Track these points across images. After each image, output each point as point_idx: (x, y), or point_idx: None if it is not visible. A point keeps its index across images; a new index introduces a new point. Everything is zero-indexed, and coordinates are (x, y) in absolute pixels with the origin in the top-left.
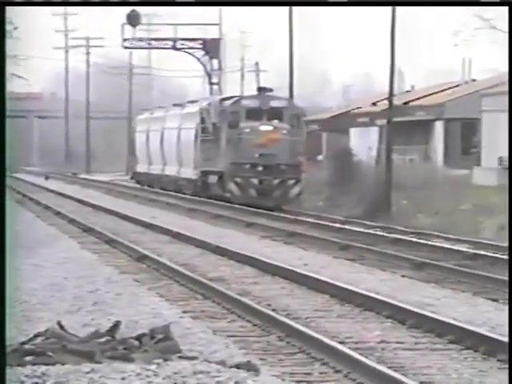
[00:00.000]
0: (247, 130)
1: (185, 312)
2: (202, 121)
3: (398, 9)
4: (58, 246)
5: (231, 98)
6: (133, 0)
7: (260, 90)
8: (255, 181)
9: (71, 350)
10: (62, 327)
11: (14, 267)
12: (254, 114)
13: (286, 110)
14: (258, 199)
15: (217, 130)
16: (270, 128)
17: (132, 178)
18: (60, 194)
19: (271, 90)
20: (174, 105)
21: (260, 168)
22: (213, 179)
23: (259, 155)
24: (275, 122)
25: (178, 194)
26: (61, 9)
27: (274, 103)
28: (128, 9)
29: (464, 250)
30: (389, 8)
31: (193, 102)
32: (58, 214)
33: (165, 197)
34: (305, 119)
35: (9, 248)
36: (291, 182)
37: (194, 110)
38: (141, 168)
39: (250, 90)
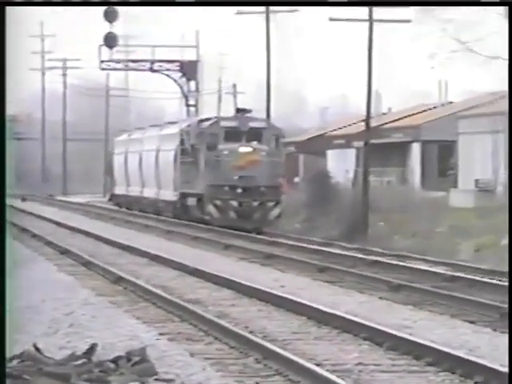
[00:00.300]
0: (226, 152)
1: (162, 334)
2: (182, 142)
3: (375, 30)
4: (34, 268)
5: (210, 119)
6: (132, 0)
7: (238, 111)
8: (234, 203)
9: (47, 373)
10: (38, 350)
11: None
12: (232, 136)
13: (265, 131)
14: (237, 221)
15: (196, 152)
16: (249, 149)
17: (110, 200)
18: (37, 215)
19: (250, 111)
20: (153, 126)
21: (239, 190)
22: (192, 201)
23: (238, 177)
24: (254, 143)
25: (156, 216)
26: (37, 30)
27: (252, 124)
28: (106, 30)
29: (441, 272)
30: (366, 29)
31: (172, 123)
32: (34, 236)
33: (142, 219)
34: (284, 140)
35: None
36: (271, 203)
37: (174, 131)
38: (119, 190)
39: (228, 111)
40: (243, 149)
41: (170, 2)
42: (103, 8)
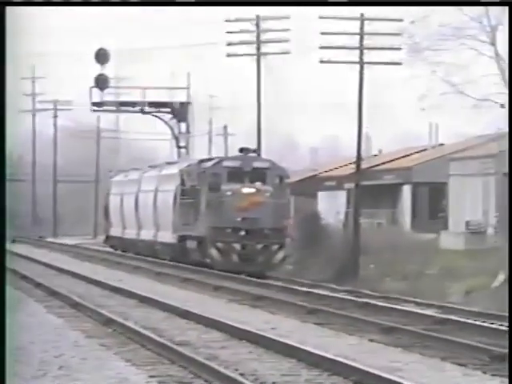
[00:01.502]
0: (229, 193)
1: (152, 376)
2: (182, 183)
3: (366, 73)
4: (23, 310)
5: (211, 159)
6: (133, 0)
7: (242, 150)
8: (237, 246)
9: None
10: None
11: None
12: (235, 176)
13: (269, 172)
14: (240, 265)
15: (197, 193)
16: (253, 190)
17: (105, 243)
18: (26, 257)
19: (254, 150)
20: (151, 166)
21: (242, 232)
22: (192, 244)
23: (241, 219)
24: (258, 184)
25: (145, 258)
26: (28, 73)
27: (256, 164)
28: (96, 72)
29: (432, 314)
30: (357, 71)
31: (171, 163)
32: (23, 277)
33: (132, 260)
34: (288, 181)
35: None
36: (275, 246)
37: (173, 171)
38: (115, 232)
39: (219, 153)
40: (246, 190)
41: (170, 2)
42: (95, 51)
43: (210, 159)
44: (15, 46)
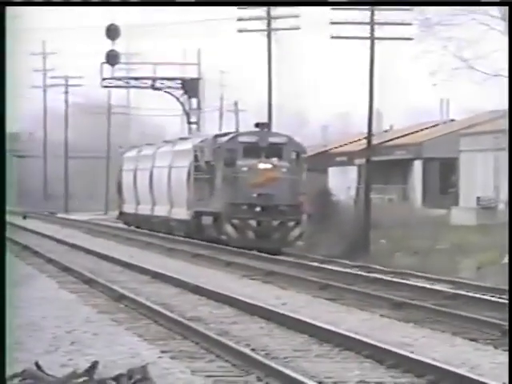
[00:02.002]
0: (245, 169)
1: (163, 352)
2: (196, 159)
3: (377, 48)
4: (35, 285)
5: (226, 134)
6: (133, 0)
7: (258, 125)
8: (253, 222)
9: None
10: (39, 367)
11: None
12: (251, 152)
13: (285, 147)
14: (256, 242)
15: (212, 169)
16: (269, 166)
17: (118, 219)
18: (38, 233)
19: (269, 125)
20: (165, 142)
21: (258, 209)
22: (207, 220)
23: (257, 195)
24: (274, 159)
25: (157, 234)
26: (39, 48)
27: (272, 139)
28: (107, 48)
29: (443, 289)
30: (367, 47)
31: (185, 138)
32: (36, 253)
33: (144, 236)
34: (305, 156)
35: None
36: (291, 223)
37: (187, 147)
38: (128, 208)
39: (229, 129)
40: (263, 165)
41: (169, 2)
42: (105, 25)
43: (225, 134)
44: (26, 20)
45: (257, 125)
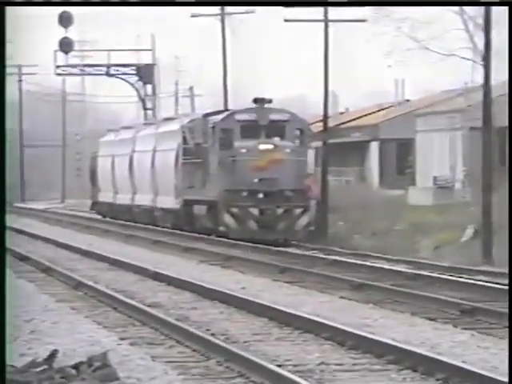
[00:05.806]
0: (243, 151)
1: (122, 339)
2: (185, 141)
3: (331, 30)
4: None
5: (219, 112)
6: (133, 0)
7: (257, 101)
8: (255, 211)
9: (8, 381)
10: None
11: None
12: (250, 131)
13: (288, 125)
14: (259, 233)
15: (204, 152)
16: (271, 147)
17: (92, 209)
18: None
19: (270, 101)
20: (146, 124)
21: (260, 195)
22: (200, 210)
23: (259, 180)
24: (276, 139)
25: (114, 221)
26: None
27: (273, 117)
28: (61, 35)
29: (402, 270)
30: (321, 29)
31: (170, 119)
32: None
33: (102, 224)
34: (310, 134)
35: None
36: (298, 210)
37: (174, 128)
38: (104, 197)
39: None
40: (263, 146)
41: (170, 2)
42: (58, 13)
43: (218, 112)
44: None
45: (255, 100)
